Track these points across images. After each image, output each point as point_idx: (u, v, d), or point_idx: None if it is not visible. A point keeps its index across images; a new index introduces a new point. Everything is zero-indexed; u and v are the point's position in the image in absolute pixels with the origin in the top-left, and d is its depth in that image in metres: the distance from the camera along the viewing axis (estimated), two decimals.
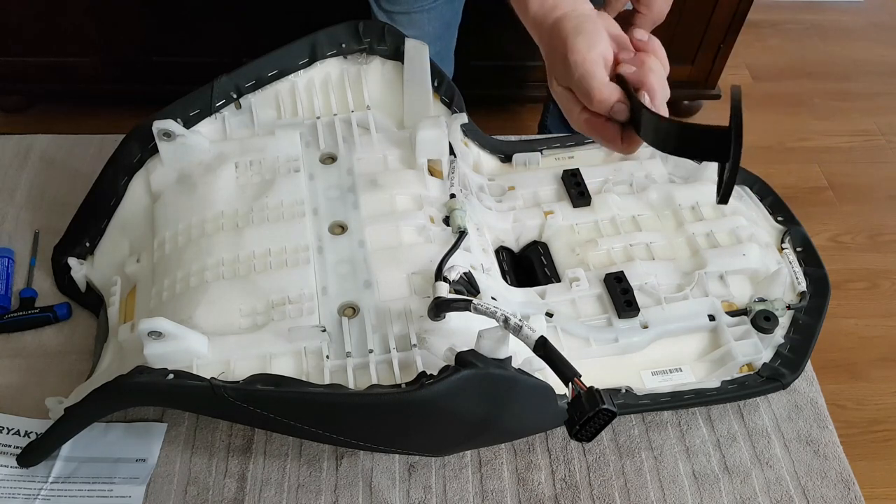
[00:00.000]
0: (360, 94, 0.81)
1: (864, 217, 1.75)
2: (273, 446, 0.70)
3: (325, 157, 0.78)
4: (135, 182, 0.77)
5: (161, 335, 0.61)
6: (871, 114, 2.00)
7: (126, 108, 1.57)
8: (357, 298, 0.67)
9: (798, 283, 0.79)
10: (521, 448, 0.71)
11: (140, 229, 0.77)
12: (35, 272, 0.81)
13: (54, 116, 1.81)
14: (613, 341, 0.72)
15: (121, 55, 1.62)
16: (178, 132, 0.74)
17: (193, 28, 1.59)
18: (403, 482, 0.68)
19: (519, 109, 1.88)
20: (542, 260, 0.79)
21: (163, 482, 0.67)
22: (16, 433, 0.69)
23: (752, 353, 0.73)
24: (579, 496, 0.68)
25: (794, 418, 0.74)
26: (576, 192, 0.83)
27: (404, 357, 0.64)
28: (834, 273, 0.80)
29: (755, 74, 2.09)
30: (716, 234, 0.80)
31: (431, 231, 0.72)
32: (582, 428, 0.53)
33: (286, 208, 0.73)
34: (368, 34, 0.81)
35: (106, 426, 0.70)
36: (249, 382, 0.59)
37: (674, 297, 0.75)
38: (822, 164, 1.86)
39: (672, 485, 0.69)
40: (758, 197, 0.88)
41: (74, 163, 0.92)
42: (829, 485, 0.69)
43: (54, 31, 1.57)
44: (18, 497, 0.65)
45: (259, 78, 0.79)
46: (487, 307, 0.60)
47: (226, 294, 0.67)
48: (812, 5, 2.30)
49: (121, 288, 0.74)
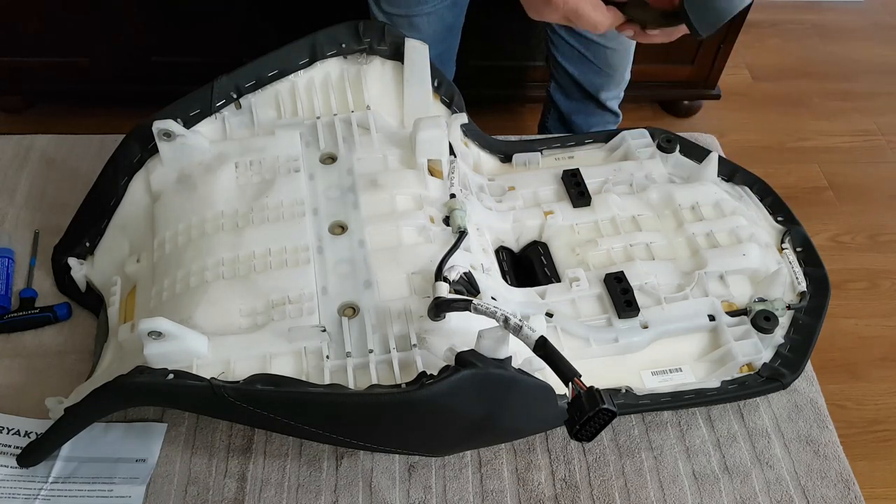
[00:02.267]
0: (360, 94, 0.81)
1: (864, 217, 1.75)
2: (273, 446, 0.70)
3: (325, 157, 0.78)
4: (135, 182, 0.77)
5: (161, 335, 0.61)
6: (871, 114, 2.00)
7: (126, 108, 1.57)
8: (357, 298, 0.67)
9: (798, 283, 0.79)
10: (521, 448, 0.71)
11: (140, 229, 0.77)
12: (35, 272, 0.81)
13: (54, 116, 1.80)
14: (613, 341, 0.72)
15: (121, 55, 1.62)
16: (178, 132, 0.74)
17: (193, 28, 1.59)
18: (403, 482, 0.68)
19: (519, 109, 1.88)
20: (542, 260, 0.79)
21: (163, 482, 0.67)
22: (16, 433, 0.69)
23: (752, 353, 0.73)
24: (579, 496, 0.68)
25: (794, 418, 0.74)
26: (576, 192, 0.83)
27: (404, 357, 0.64)
28: (834, 273, 0.80)
29: (755, 74, 2.08)
30: (716, 234, 0.80)
31: (431, 231, 0.72)
32: (582, 428, 0.53)
33: (286, 208, 0.73)
34: (368, 34, 0.81)
35: (106, 426, 0.70)
36: (249, 382, 0.59)
37: (674, 297, 0.75)
38: (822, 164, 1.86)
39: (672, 485, 0.69)
40: (758, 197, 0.88)
41: (74, 163, 0.92)
42: (829, 485, 0.69)
43: (54, 31, 1.57)
44: (18, 497, 0.65)
45: (259, 78, 0.79)
46: (487, 307, 0.60)
47: (226, 294, 0.67)
48: (812, 5, 2.30)
49: (121, 288, 0.74)
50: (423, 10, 1.17)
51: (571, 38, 1.32)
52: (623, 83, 1.43)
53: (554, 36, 1.35)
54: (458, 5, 1.24)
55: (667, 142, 0.89)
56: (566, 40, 1.33)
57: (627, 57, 1.36)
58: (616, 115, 1.51)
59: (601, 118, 1.49)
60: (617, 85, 1.42)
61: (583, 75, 1.38)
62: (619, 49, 1.32)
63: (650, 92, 1.84)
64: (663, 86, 1.81)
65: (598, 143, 0.92)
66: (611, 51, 1.32)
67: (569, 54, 1.36)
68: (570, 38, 1.32)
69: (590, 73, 1.37)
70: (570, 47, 1.34)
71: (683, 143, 0.91)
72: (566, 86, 1.44)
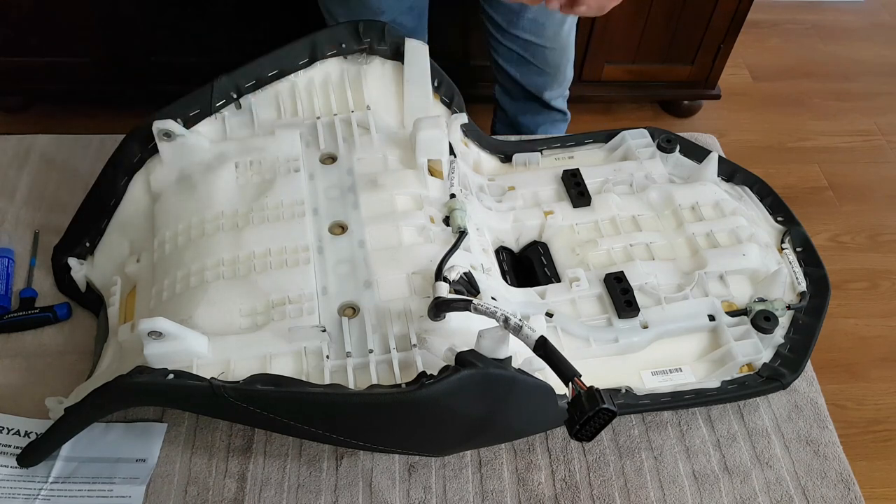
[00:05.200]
0: (360, 94, 0.81)
1: (864, 217, 1.75)
2: (273, 446, 0.70)
3: (325, 157, 0.77)
4: (135, 182, 0.77)
5: (161, 335, 0.61)
6: (871, 114, 2.00)
7: (126, 108, 1.57)
8: (357, 298, 0.67)
9: (798, 283, 0.79)
10: (521, 448, 0.71)
11: (140, 229, 0.77)
12: (35, 272, 0.81)
13: (54, 116, 1.80)
14: (613, 341, 0.72)
15: (121, 55, 1.62)
16: (178, 132, 0.74)
17: (193, 28, 1.59)
18: (403, 482, 0.68)
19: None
20: (542, 260, 0.79)
21: (163, 482, 0.67)
22: (16, 433, 0.69)
23: (752, 353, 0.73)
24: (579, 496, 0.68)
25: (794, 418, 0.74)
26: (576, 192, 0.83)
27: (404, 357, 0.64)
28: (834, 273, 0.80)
29: (755, 74, 2.08)
30: (716, 234, 0.80)
31: (431, 231, 0.72)
32: (582, 427, 0.53)
33: (286, 208, 0.73)
34: (368, 34, 0.81)
35: (106, 426, 0.70)
36: (249, 382, 0.59)
37: (674, 297, 0.75)
38: (822, 164, 1.86)
39: (672, 485, 0.69)
40: (758, 197, 0.88)
41: (74, 163, 0.92)
42: (829, 485, 0.69)
43: (54, 31, 1.57)
44: (18, 497, 0.65)
45: (259, 78, 0.79)
46: (487, 307, 0.60)
47: (226, 294, 0.67)
48: (812, 5, 2.30)
49: (121, 288, 0.74)
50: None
51: (509, 42, 1.33)
52: (566, 81, 1.43)
53: (492, 40, 1.36)
54: None
55: (667, 142, 0.89)
56: (504, 44, 1.34)
57: (567, 55, 1.37)
58: (564, 114, 1.51)
59: (548, 117, 1.49)
60: (560, 84, 1.42)
61: (524, 77, 1.39)
62: (556, 48, 1.33)
63: (650, 92, 1.85)
64: (663, 86, 1.81)
65: (598, 143, 0.92)
66: (549, 50, 1.33)
67: (508, 57, 1.36)
68: (508, 41, 1.32)
69: (531, 73, 1.38)
70: (510, 50, 1.34)
71: (683, 143, 0.91)
72: (510, 88, 1.44)
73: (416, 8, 1.25)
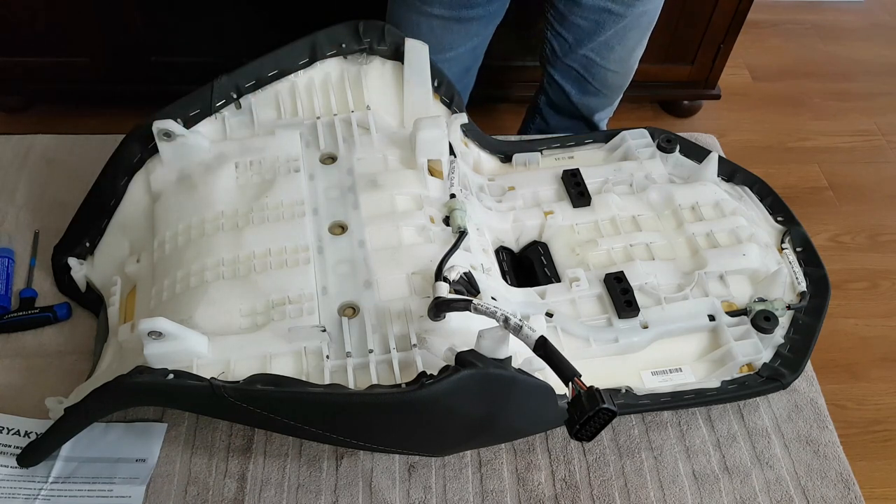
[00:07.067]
0: (360, 94, 0.81)
1: (864, 217, 1.75)
2: (273, 446, 0.70)
3: (325, 157, 0.78)
4: (135, 182, 0.77)
5: (161, 335, 0.61)
6: (871, 114, 2.00)
7: (126, 108, 1.57)
8: (357, 298, 0.67)
9: (798, 283, 0.79)
10: (521, 448, 0.71)
11: (140, 229, 0.77)
12: (35, 272, 0.81)
13: (54, 116, 1.80)
14: (613, 341, 0.72)
15: (121, 55, 1.62)
16: (178, 132, 0.74)
17: (193, 28, 1.59)
18: (403, 482, 0.68)
19: (519, 110, 1.88)
20: (542, 260, 0.79)
21: (163, 482, 0.67)
22: (16, 433, 0.69)
23: (752, 353, 0.73)
24: (579, 496, 0.68)
25: (794, 418, 0.74)
26: (576, 192, 0.83)
27: (404, 357, 0.64)
28: (834, 273, 0.80)
29: (755, 74, 2.08)
30: (716, 235, 0.80)
31: (431, 231, 0.72)
32: (582, 427, 0.53)
33: (286, 208, 0.73)
34: (368, 34, 0.81)
35: (106, 426, 0.70)
36: (249, 382, 0.59)
37: (674, 297, 0.75)
38: (822, 164, 1.86)
39: (672, 485, 0.69)
40: (758, 197, 0.88)
41: (74, 163, 0.92)
42: (829, 485, 0.69)
43: (54, 31, 1.57)
44: (18, 497, 0.65)
45: (259, 78, 0.79)
46: (487, 307, 0.60)
47: (226, 294, 0.67)
48: (812, 5, 2.30)
49: (121, 288, 0.74)
50: (444, 58, 1.16)
51: (572, 60, 1.29)
52: (616, 103, 1.41)
53: (552, 55, 1.32)
54: (478, 49, 1.24)
55: (667, 142, 0.89)
56: (565, 61, 1.30)
57: (628, 79, 1.34)
58: None
59: None
60: (612, 105, 1.40)
61: (578, 95, 1.35)
62: (620, 72, 1.30)
63: (650, 92, 1.84)
64: (663, 86, 1.81)
65: (598, 143, 0.92)
66: (612, 73, 1.29)
67: (566, 73, 1.33)
68: (571, 59, 1.29)
69: (587, 93, 1.35)
70: (569, 67, 1.31)
71: (683, 143, 0.91)
72: (560, 103, 1.40)
73: (478, 48, 1.24)
